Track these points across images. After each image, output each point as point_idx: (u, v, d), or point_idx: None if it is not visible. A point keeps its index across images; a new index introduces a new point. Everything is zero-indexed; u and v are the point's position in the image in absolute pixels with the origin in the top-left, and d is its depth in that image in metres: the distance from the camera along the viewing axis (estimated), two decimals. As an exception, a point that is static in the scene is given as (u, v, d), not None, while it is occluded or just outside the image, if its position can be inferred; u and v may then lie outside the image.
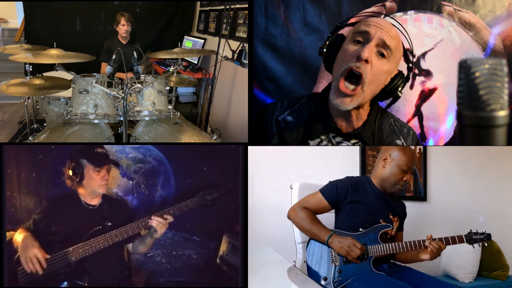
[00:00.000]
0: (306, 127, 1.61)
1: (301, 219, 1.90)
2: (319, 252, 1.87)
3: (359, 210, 1.88)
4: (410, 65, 1.64)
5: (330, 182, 1.95)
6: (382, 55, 1.50)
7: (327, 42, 1.62)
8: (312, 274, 1.86)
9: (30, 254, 1.59)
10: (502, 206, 2.95)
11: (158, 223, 1.67)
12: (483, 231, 1.82)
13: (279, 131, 1.63)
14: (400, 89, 1.59)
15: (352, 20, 1.67)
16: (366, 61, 1.47)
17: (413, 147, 1.90)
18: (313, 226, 1.86)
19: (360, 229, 1.86)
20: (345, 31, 1.65)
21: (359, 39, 1.52)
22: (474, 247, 1.84)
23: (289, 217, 1.95)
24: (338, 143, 1.59)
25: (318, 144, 1.60)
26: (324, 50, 1.62)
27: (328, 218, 1.97)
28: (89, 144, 2.29)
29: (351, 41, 1.55)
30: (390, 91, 1.58)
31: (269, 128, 1.65)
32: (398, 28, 1.59)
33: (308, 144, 1.59)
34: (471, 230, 1.82)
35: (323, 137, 1.60)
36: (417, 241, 1.82)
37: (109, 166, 1.73)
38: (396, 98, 1.61)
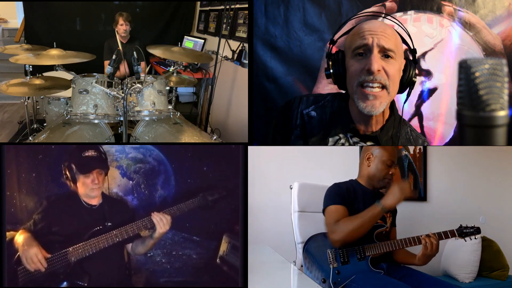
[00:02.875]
0: (327, 125, 1.65)
1: (346, 226, 1.82)
2: (316, 253, 1.87)
3: (353, 211, 1.89)
4: (412, 47, 1.62)
5: (326, 194, 1.96)
6: (388, 57, 1.51)
7: (330, 63, 1.62)
8: (311, 275, 1.86)
9: (31, 253, 1.59)
10: (502, 206, 2.95)
11: (159, 220, 1.67)
12: (473, 225, 1.89)
13: (302, 123, 1.68)
14: (414, 75, 1.59)
15: (345, 29, 1.64)
16: (379, 71, 1.48)
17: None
18: (361, 216, 1.81)
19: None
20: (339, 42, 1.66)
21: (360, 52, 1.52)
22: (465, 241, 1.90)
23: (336, 241, 1.84)
24: (355, 143, 1.63)
25: (336, 142, 1.64)
26: (331, 71, 1.62)
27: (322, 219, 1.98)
28: (88, 144, 2.29)
29: (353, 58, 1.55)
30: (408, 82, 1.58)
31: (294, 119, 1.70)
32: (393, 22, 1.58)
33: (327, 140, 1.63)
34: (461, 224, 1.90)
35: (341, 135, 1.63)
36: (415, 237, 1.85)
37: (99, 169, 1.69)
38: (413, 84, 1.60)
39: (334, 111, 1.68)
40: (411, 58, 1.62)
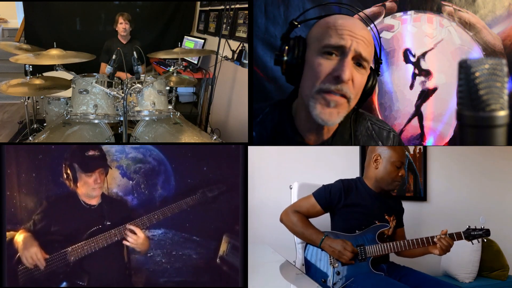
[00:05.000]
0: (269, 142, 1.45)
1: (293, 223, 1.90)
2: (317, 254, 1.87)
3: (353, 212, 1.88)
4: (379, 56, 1.44)
5: (323, 186, 1.96)
6: (359, 65, 1.31)
7: (286, 48, 1.36)
8: (311, 276, 1.86)
9: (31, 252, 1.60)
10: (502, 206, 2.95)
11: (132, 241, 1.66)
12: (482, 226, 1.82)
13: None
14: (373, 88, 1.41)
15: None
16: (348, 81, 1.28)
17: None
18: (305, 230, 1.87)
19: (356, 231, 1.86)
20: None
21: (330, 51, 1.29)
22: (473, 243, 1.85)
23: (281, 220, 1.96)
24: None
25: None
26: (285, 58, 1.35)
27: (324, 220, 1.98)
28: (88, 144, 2.29)
29: (320, 53, 1.31)
30: (368, 94, 1.40)
31: None
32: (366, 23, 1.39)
33: None
34: (469, 226, 1.83)
35: None
36: (424, 238, 1.83)
37: (102, 169, 1.71)
38: (370, 95, 1.42)
39: (275, 124, 1.44)
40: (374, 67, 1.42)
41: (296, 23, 1.43)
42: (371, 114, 1.60)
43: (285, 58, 1.36)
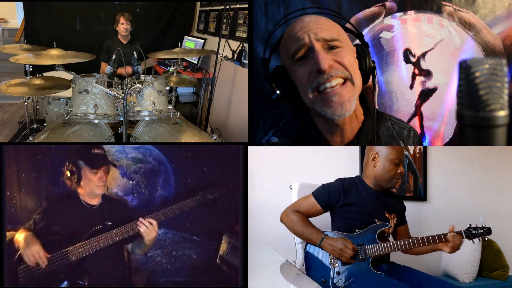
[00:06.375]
0: None
1: (293, 223, 1.90)
2: (317, 254, 1.87)
3: (353, 212, 1.88)
4: (357, 32, 1.48)
5: (323, 185, 1.95)
6: (334, 48, 1.32)
7: (273, 84, 1.41)
8: (311, 276, 1.86)
9: (33, 250, 1.60)
10: (502, 206, 2.94)
11: (145, 229, 1.66)
12: (483, 225, 1.81)
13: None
14: (371, 61, 1.42)
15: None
16: (330, 66, 1.29)
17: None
18: (305, 229, 1.87)
19: (356, 230, 1.86)
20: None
21: (301, 57, 1.33)
22: (474, 242, 1.84)
23: (281, 220, 1.96)
24: None
25: None
26: (278, 92, 1.40)
27: (324, 220, 1.98)
28: (88, 144, 2.29)
29: (295, 65, 1.35)
30: (368, 70, 1.41)
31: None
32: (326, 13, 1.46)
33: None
34: (470, 225, 1.82)
35: None
36: (425, 237, 1.82)
37: (107, 167, 1.72)
38: (374, 70, 1.44)
39: (298, 129, 1.46)
40: (360, 43, 1.44)
41: (268, 59, 1.49)
42: (391, 114, 1.62)
43: (278, 92, 1.41)
